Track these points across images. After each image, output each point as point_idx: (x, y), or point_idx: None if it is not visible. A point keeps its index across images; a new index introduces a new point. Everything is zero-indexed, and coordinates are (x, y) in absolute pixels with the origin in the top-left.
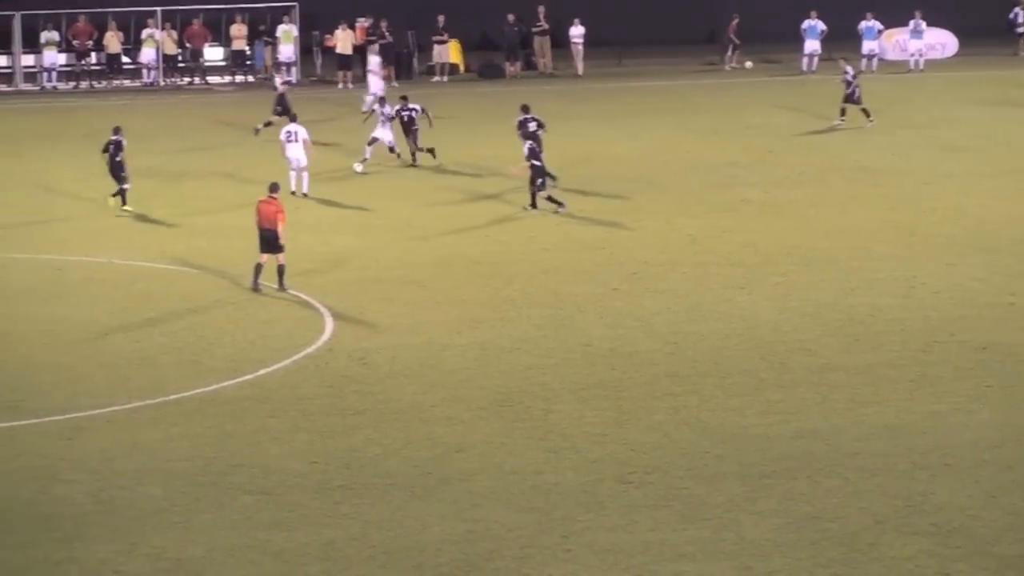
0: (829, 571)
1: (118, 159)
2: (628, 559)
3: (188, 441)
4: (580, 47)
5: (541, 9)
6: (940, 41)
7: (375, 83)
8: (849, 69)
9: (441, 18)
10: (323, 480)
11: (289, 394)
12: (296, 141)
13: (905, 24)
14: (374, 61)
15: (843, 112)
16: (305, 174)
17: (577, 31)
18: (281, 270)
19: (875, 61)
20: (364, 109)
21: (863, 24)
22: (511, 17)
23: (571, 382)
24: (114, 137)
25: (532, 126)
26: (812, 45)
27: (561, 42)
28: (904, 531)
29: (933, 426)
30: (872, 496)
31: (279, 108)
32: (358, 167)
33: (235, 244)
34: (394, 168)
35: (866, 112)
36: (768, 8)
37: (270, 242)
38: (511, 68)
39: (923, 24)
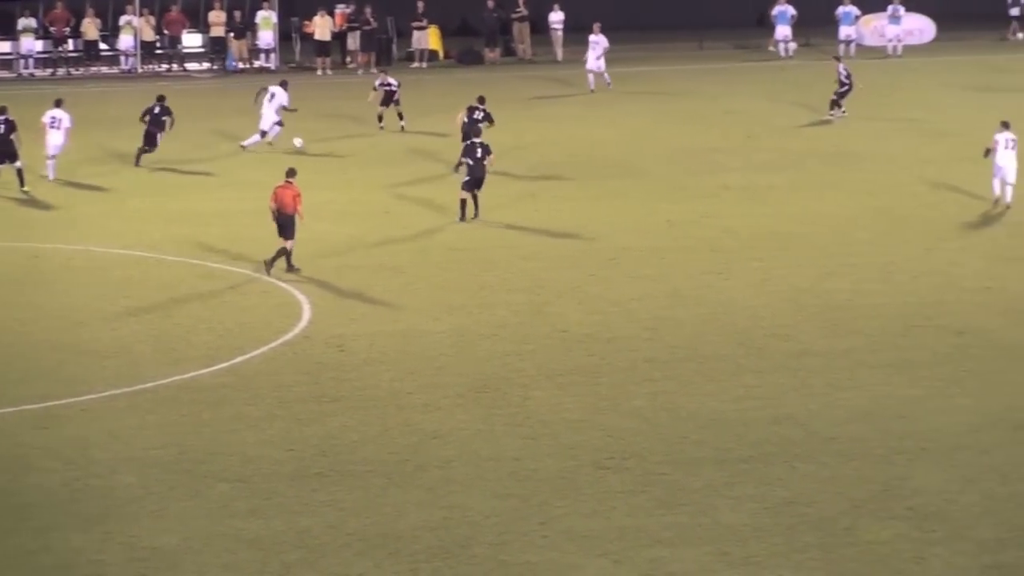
0: (806, 556)
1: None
2: (605, 545)
3: (164, 429)
4: (559, 33)
5: None
6: (918, 27)
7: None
8: (843, 69)
9: (421, 4)
10: (299, 467)
11: (266, 381)
12: (59, 128)
13: (883, 10)
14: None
15: (837, 105)
16: (52, 162)
17: (557, 17)
18: (285, 254)
19: (853, 47)
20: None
21: (840, 10)
22: (491, 3)
23: (549, 368)
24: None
25: (478, 115)
26: (783, 31)
27: (541, 28)
28: (881, 515)
29: (910, 411)
30: (849, 481)
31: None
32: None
33: (212, 231)
34: (371, 155)
35: (838, 104)
36: None
37: (285, 227)
38: (490, 54)
39: (901, 10)
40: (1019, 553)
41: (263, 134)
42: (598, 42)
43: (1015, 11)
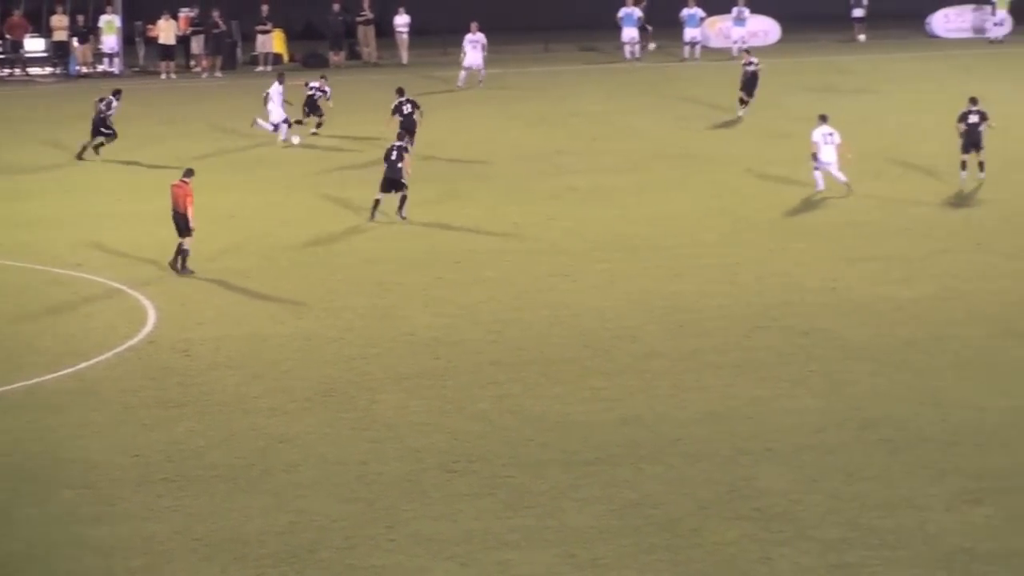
0: (653, 557)
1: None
2: (452, 548)
3: (8, 436)
4: (405, 36)
5: None
6: (763, 28)
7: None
8: (754, 60)
9: (265, 7)
10: (145, 473)
11: (111, 387)
12: None
13: (728, 12)
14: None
15: (743, 102)
16: None
17: (402, 20)
18: (183, 253)
19: (698, 48)
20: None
21: (685, 12)
22: (336, 6)
23: (395, 372)
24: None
25: (407, 108)
26: (630, 33)
27: (386, 31)
28: (727, 516)
29: (756, 411)
30: (695, 482)
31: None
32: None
33: (56, 236)
34: (219, 161)
35: (744, 101)
36: None
37: (179, 226)
38: (335, 57)
39: (746, 11)
40: (864, 553)
41: (275, 127)
42: (477, 40)
43: (858, 12)
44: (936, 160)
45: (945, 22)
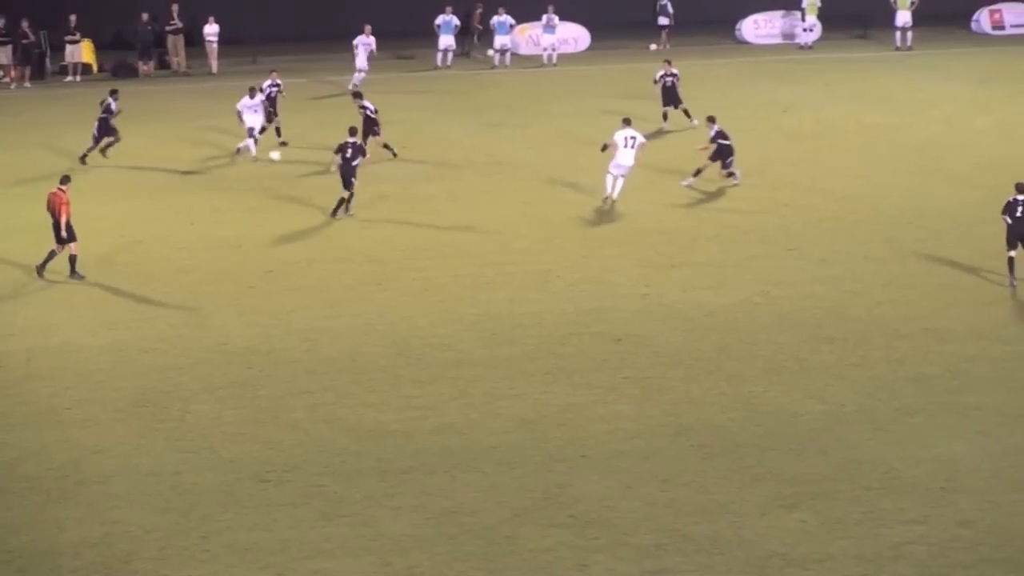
0: (468, 564)
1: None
2: (268, 557)
3: None
4: (214, 45)
5: (175, 7)
6: (573, 35)
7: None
8: (675, 71)
9: (73, 17)
10: None
11: None
12: None
13: (538, 19)
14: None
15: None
16: None
17: (211, 29)
18: (71, 259)
19: (508, 56)
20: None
21: (495, 19)
22: (145, 16)
23: (208, 382)
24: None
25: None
26: (447, 40)
27: (195, 40)
28: (542, 523)
29: (570, 418)
30: (510, 489)
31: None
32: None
33: None
34: (33, 170)
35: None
36: (405, 4)
37: (56, 232)
38: (144, 67)
39: (555, 19)
40: (680, 559)
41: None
42: (369, 43)
43: (663, 20)
44: (748, 166)
45: (755, 28)
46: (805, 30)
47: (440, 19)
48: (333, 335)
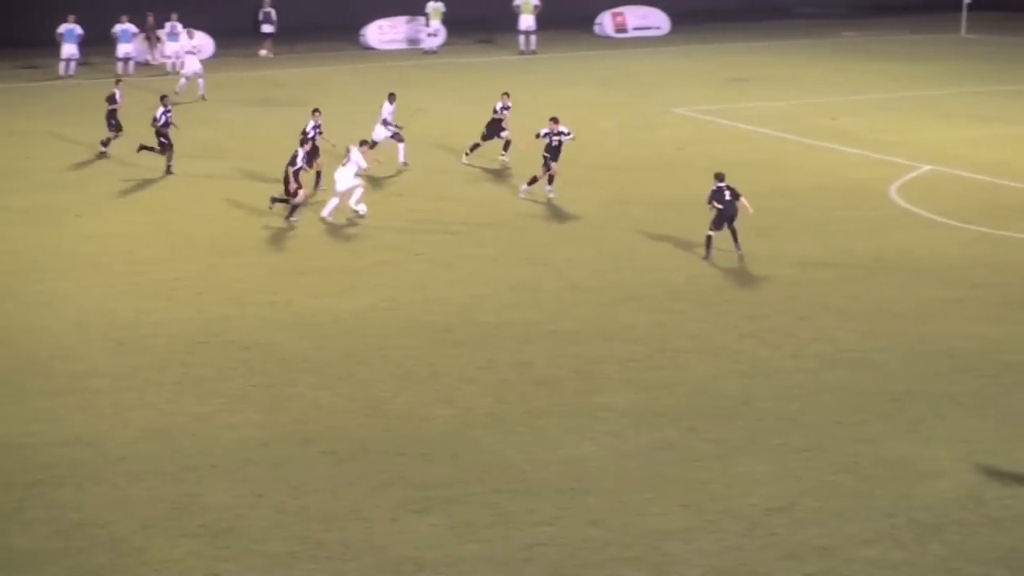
0: None
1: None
2: None
3: None
4: None
5: None
6: (200, 43)
7: None
8: (509, 104)
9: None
10: None
11: None
12: None
13: (162, 27)
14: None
15: (480, 145)
16: None
17: None
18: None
19: (131, 64)
20: None
21: (118, 27)
22: None
23: None
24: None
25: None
26: (70, 50)
27: None
28: (173, 534)
29: (199, 428)
30: (140, 500)
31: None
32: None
33: None
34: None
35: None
36: (30, 13)
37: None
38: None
39: (179, 26)
40: (312, 566)
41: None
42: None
43: (267, 28)
44: (374, 172)
45: (380, 33)
46: (430, 35)
47: (63, 28)
48: None
